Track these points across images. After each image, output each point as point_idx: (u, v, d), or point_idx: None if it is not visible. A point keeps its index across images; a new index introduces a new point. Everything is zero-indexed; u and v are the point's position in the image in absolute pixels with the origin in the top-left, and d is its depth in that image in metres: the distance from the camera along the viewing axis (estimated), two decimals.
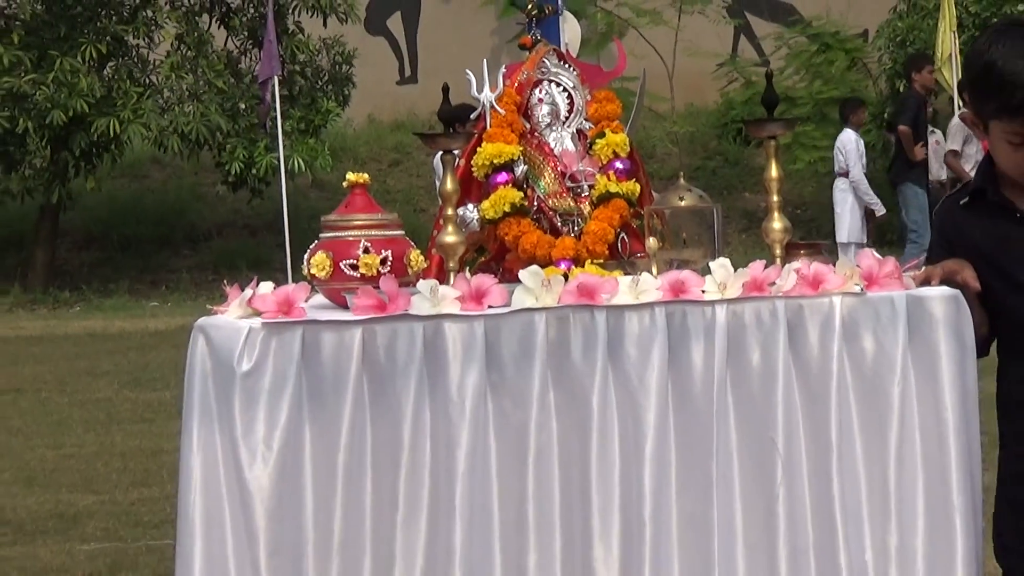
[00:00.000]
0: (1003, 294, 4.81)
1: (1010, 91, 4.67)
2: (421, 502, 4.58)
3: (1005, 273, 4.80)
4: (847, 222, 20.04)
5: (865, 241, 19.92)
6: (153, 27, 26.10)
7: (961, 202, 4.99)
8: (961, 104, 20.29)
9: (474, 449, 4.57)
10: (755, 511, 4.65)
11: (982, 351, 4.81)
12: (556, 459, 4.62)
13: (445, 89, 5.20)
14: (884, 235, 22.77)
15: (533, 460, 4.61)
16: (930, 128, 20.98)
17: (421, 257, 4.82)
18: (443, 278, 4.79)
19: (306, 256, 4.75)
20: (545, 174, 5.17)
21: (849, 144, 20.23)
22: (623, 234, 5.12)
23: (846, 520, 4.63)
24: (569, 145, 5.23)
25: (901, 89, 22.76)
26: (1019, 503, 4.87)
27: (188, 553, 4.53)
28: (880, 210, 20.15)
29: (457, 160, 5.08)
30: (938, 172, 20.29)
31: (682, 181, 5.17)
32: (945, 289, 4.74)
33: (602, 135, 5.22)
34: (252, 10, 25.34)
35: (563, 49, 5.44)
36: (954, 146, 19.76)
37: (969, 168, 19.30)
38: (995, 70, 4.70)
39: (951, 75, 21.04)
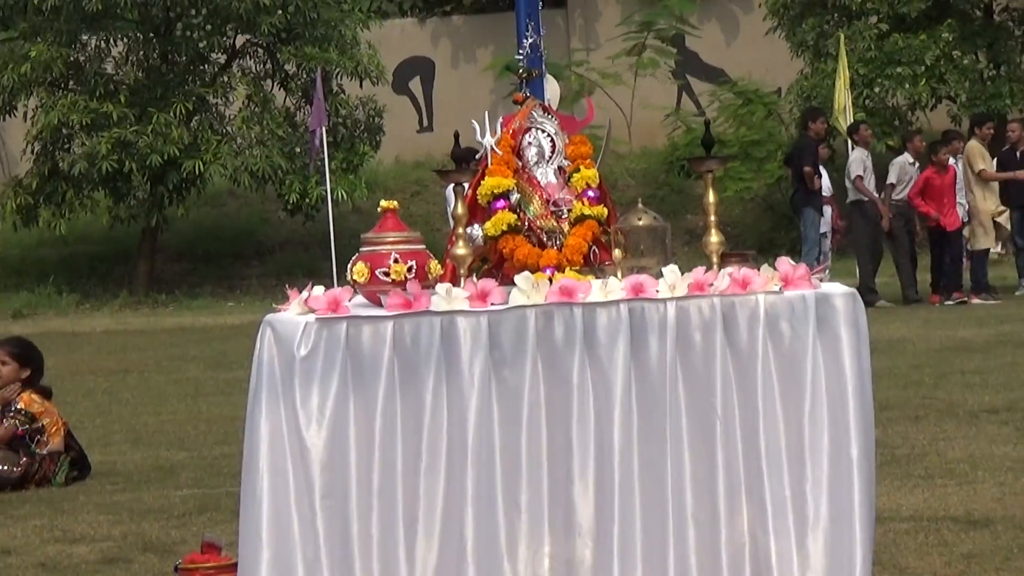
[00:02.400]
0: None
1: None
2: (439, 455, 4.57)
3: None
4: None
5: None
6: (228, 89, 26.07)
7: None
8: (853, 146, 20.17)
9: (480, 413, 4.57)
10: (699, 460, 4.65)
11: None
12: (544, 420, 4.62)
13: (455, 136, 5.20)
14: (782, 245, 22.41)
15: (526, 422, 4.61)
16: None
17: (438, 266, 4.81)
18: (456, 282, 4.78)
19: (349, 265, 4.74)
20: (534, 201, 5.15)
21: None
22: (594, 247, 5.10)
23: (770, 466, 4.63)
24: (552, 178, 5.21)
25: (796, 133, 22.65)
26: None
27: (257, 497, 4.52)
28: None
29: (465, 190, 5.08)
30: (901, 192, 19.96)
31: (640, 206, 5.18)
32: (845, 288, 4.75)
33: (578, 170, 5.20)
34: (304, 75, 25.29)
35: (546, 104, 5.43)
36: (891, 180, 19.46)
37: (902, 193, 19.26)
38: None
39: (845, 122, 20.99)
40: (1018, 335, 13.38)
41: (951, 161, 19.66)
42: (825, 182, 20.23)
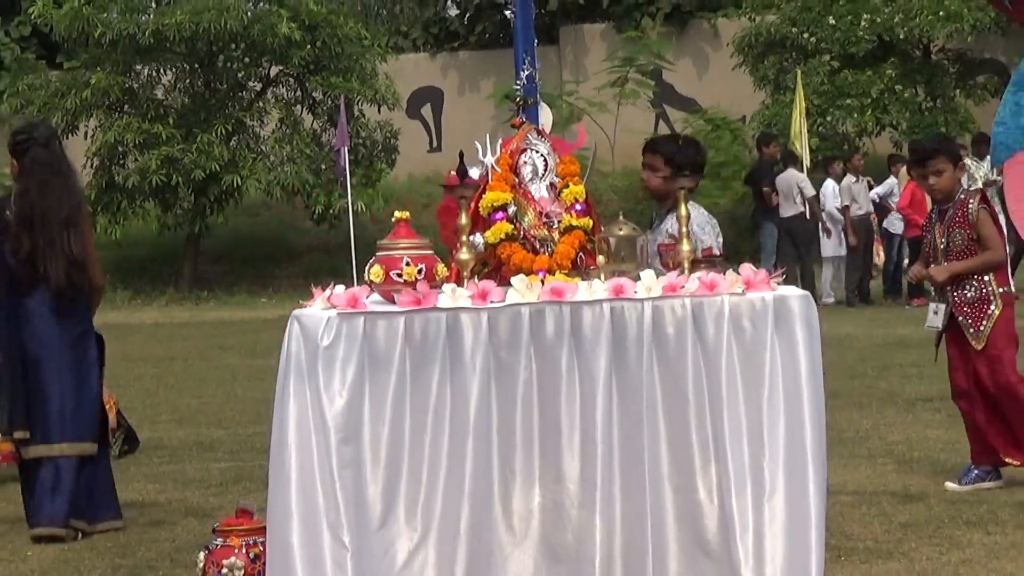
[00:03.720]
0: None
1: None
2: (443, 430, 4.58)
3: None
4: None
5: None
6: (263, 113, 26.04)
7: None
8: (810, 167, 20.16)
9: (480, 395, 4.58)
10: (673, 437, 4.66)
11: None
12: (536, 402, 4.63)
13: (461, 155, 5.20)
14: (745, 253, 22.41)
15: (520, 403, 4.61)
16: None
17: (445, 269, 4.82)
18: (460, 283, 4.78)
19: (366, 268, 4.74)
20: (528, 213, 5.16)
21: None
22: (581, 253, 5.11)
23: (732, 443, 4.64)
24: (545, 193, 5.22)
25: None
26: None
27: (285, 468, 4.53)
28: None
29: (469, 203, 5.08)
30: (866, 205, 19.88)
31: (621, 218, 5.18)
32: (799, 291, 4.77)
33: (567, 187, 5.21)
34: (330, 102, 25.27)
35: (541, 128, 5.43)
36: (845, 201, 19.39)
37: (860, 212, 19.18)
38: None
39: (801, 147, 20.95)
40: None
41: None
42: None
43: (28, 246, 6.90)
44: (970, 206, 7.18)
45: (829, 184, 19.82)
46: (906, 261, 19.66)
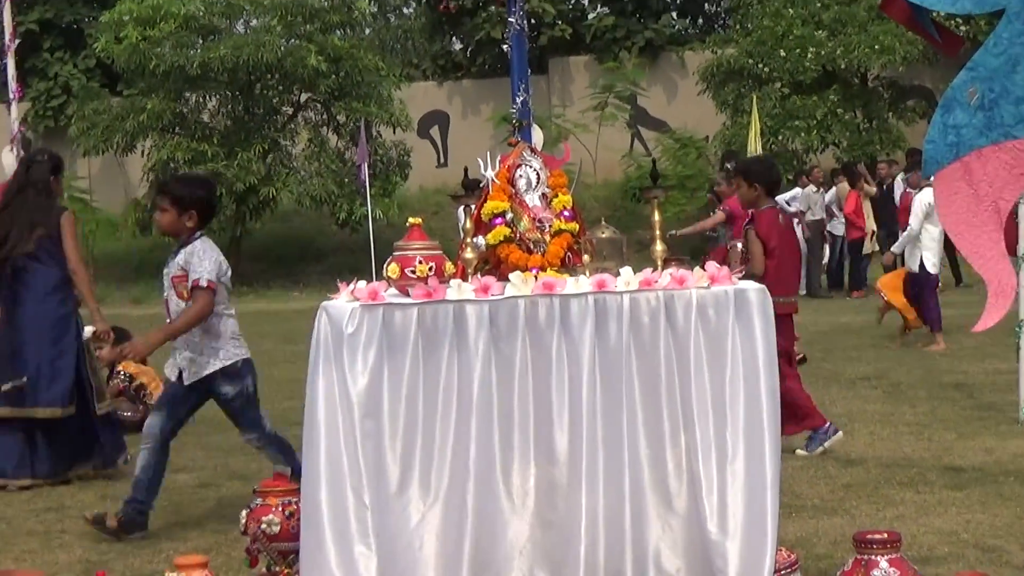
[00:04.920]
0: None
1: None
2: (451, 406, 4.56)
3: None
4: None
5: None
6: (294, 134, 26.11)
7: None
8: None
9: (483, 376, 4.56)
10: (648, 411, 4.65)
11: None
12: (530, 382, 4.61)
13: (465, 170, 5.20)
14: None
15: (517, 383, 4.59)
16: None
17: (452, 266, 4.80)
18: (465, 278, 4.77)
19: (385, 266, 4.73)
20: (524, 218, 5.14)
21: None
22: (569, 253, 5.10)
23: (699, 415, 4.63)
24: (537, 202, 5.20)
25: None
26: None
27: (315, 438, 4.51)
28: None
29: (472, 210, 5.08)
30: (820, 212, 19.83)
31: (603, 223, 5.18)
32: (756, 285, 4.76)
33: (556, 196, 5.20)
34: (352, 124, 25.24)
35: (533, 146, 5.42)
36: (803, 207, 19.29)
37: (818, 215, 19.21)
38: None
39: None
40: (885, 321, 13.42)
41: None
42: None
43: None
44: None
45: (807, 191, 19.83)
46: (847, 260, 19.68)
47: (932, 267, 12.32)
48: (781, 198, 19.52)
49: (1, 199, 7.75)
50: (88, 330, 7.77)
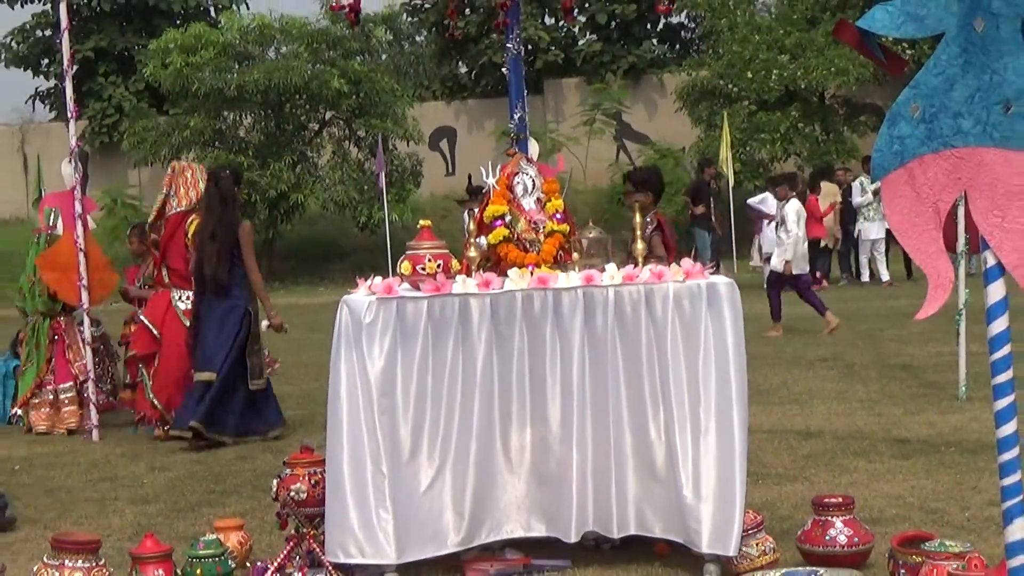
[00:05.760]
0: None
1: None
2: (456, 386, 4.57)
3: None
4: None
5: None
6: (320, 147, 26.15)
7: None
8: (734, 185, 20.14)
9: (485, 359, 4.57)
10: (631, 390, 4.64)
11: None
12: (527, 365, 4.62)
13: (469, 177, 5.21)
14: (684, 252, 22.20)
15: (515, 366, 4.60)
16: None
17: (458, 264, 4.80)
18: (469, 274, 4.77)
19: (398, 263, 4.73)
20: (521, 221, 5.14)
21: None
22: (561, 251, 5.10)
23: (676, 394, 4.62)
24: (533, 206, 5.20)
25: (694, 176, 22.54)
26: None
27: (338, 415, 4.52)
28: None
29: (475, 213, 5.07)
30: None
31: (590, 224, 5.18)
32: (727, 279, 4.74)
33: (550, 201, 5.20)
34: (371, 139, 25.28)
35: (529, 157, 5.42)
36: (771, 212, 19.20)
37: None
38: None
39: (728, 170, 20.89)
40: (838, 310, 13.42)
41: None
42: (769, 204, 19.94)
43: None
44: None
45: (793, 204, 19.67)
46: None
47: (778, 265, 12.88)
48: (753, 200, 19.55)
49: (202, 215, 8.14)
50: (264, 324, 8.20)
